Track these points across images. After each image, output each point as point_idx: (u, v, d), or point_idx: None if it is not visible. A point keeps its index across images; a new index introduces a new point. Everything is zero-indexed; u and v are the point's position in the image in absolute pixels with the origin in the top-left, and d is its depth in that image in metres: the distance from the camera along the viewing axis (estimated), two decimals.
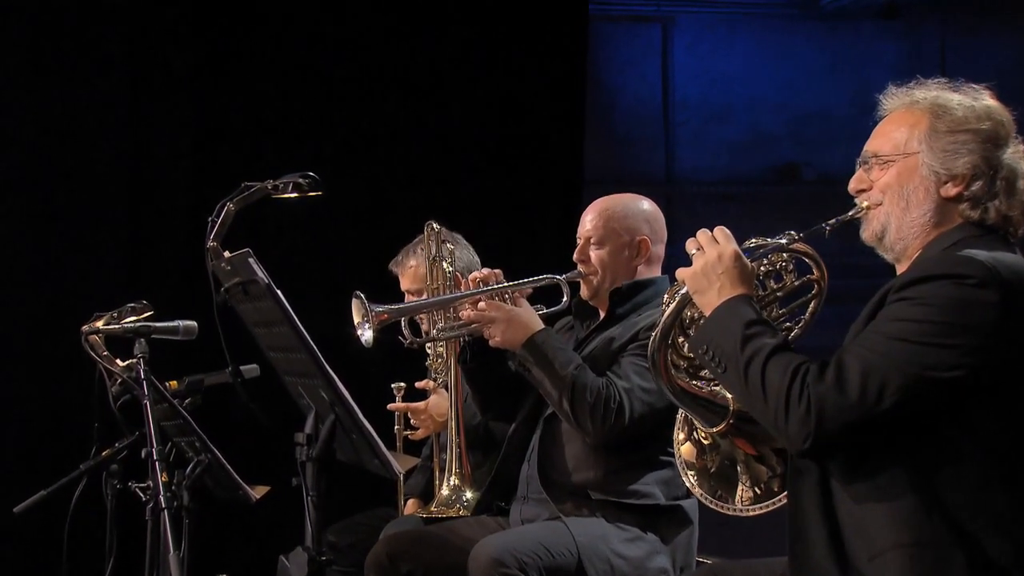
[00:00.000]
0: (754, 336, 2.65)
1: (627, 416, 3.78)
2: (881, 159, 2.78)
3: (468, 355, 4.10)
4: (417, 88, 6.54)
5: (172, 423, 3.85)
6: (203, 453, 3.76)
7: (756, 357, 2.62)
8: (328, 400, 3.28)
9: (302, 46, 6.44)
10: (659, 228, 4.12)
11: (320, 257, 6.23)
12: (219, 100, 6.33)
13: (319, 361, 3.20)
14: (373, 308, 3.80)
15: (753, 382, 2.61)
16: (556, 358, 3.85)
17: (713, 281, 2.74)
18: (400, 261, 4.80)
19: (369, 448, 3.27)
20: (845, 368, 2.54)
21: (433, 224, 4.35)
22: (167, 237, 6.10)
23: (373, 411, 3.56)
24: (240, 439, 4.66)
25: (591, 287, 4.08)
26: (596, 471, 3.90)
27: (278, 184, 3.62)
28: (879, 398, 2.50)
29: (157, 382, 3.57)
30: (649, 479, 3.88)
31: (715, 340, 2.69)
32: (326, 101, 6.42)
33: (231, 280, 3.33)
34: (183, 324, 3.73)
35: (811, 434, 2.53)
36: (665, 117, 7.77)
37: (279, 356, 3.43)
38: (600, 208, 4.10)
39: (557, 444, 3.96)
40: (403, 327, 4.11)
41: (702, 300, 2.76)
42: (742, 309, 2.70)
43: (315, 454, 3.25)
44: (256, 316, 3.39)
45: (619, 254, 4.06)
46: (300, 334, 3.20)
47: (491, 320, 3.89)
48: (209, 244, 3.48)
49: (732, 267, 2.74)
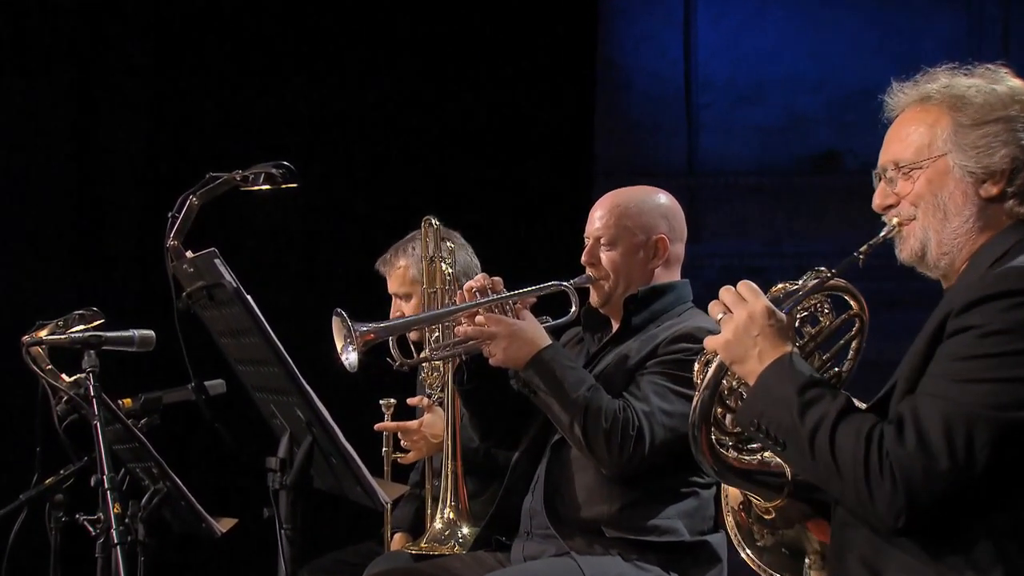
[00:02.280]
0: (813, 402, 2.63)
1: (647, 443, 3.77)
2: (905, 168, 2.78)
3: (465, 375, 4.09)
4: (405, 65, 6.57)
5: (126, 447, 3.85)
6: (161, 481, 3.77)
7: (821, 427, 2.60)
8: (304, 420, 3.27)
9: (272, 15, 6.47)
10: (678, 225, 4.11)
11: (296, 258, 6.26)
12: (178, 83, 6.36)
13: (294, 375, 3.20)
14: (357, 327, 3.79)
15: (822, 458, 2.58)
16: (566, 378, 3.84)
17: (750, 347, 2.72)
18: (388, 260, 4.80)
19: (351, 474, 3.27)
20: (924, 425, 2.51)
21: (432, 220, 4.35)
22: (120, 235, 6.12)
23: (357, 432, 3.57)
24: (204, 465, 4.67)
25: (602, 293, 4.08)
26: (611, 505, 3.89)
27: (248, 175, 3.63)
28: (969, 456, 2.48)
29: (109, 400, 3.58)
30: (671, 512, 3.88)
31: (767, 413, 2.67)
32: (303, 80, 6.47)
33: (194, 284, 3.33)
34: (138, 334, 3.73)
35: (903, 510, 2.51)
36: (687, 99, 7.78)
37: (249, 370, 3.43)
38: (611, 203, 4.09)
39: (566, 474, 3.96)
40: (391, 346, 4.12)
41: (743, 369, 2.74)
42: (791, 372, 2.69)
43: (290, 481, 3.25)
44: (223, 324, 3.39)
45: (634, 255, 4.06)
46: (273, 345, 3.19)
47: (491, 336, 3.89)
48: (169, 243, 3.48)
49: (767, 325, 2.73)
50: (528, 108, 6.58)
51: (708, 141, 7.80)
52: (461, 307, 3.96)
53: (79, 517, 3.76)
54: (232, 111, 6.42)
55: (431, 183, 6.29)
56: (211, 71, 6.56)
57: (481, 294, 3.96)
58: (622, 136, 7.50)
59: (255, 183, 3.63)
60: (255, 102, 6.43)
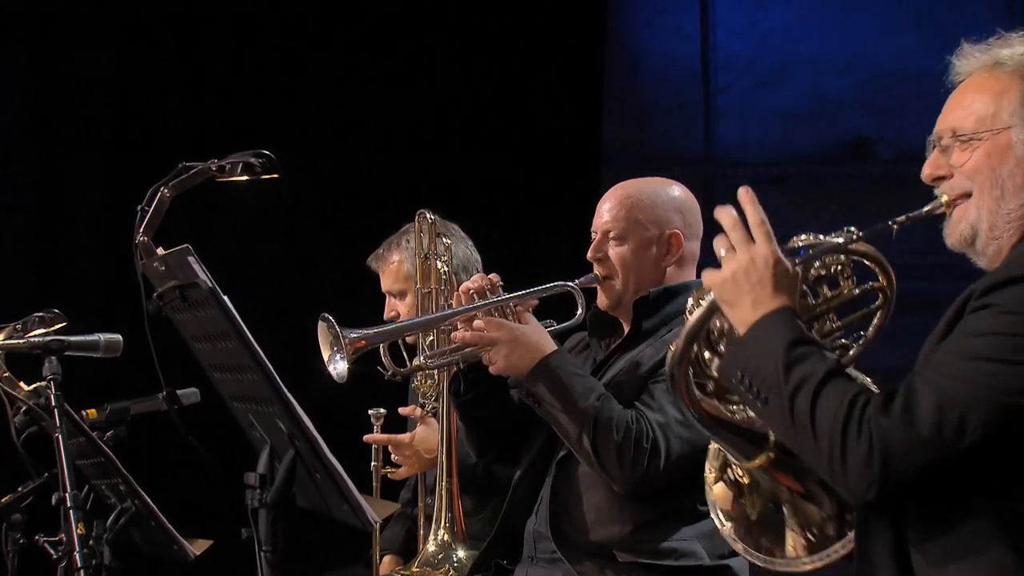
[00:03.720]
0: (800, 359, 2.64)
1: (663, 457, 3.77)
2: (963, 137, 2.78)
3: (462, 385, 4.08)
4: (394, 41, 6.56)
5: (90, 462, 3.84)
6: (129, 499, 3.76)
7: (804, 386, 2.62)
8: (286, 431, 3.28)
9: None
10: (694, 220, 4.11)
11: (278, 255, 6.26)
12: (148, 64, 6.37)
13: (275, 383, 3.20)
14: (346, 334, 3.78)
15: (801, 418, 2.60)
16: (573, 386, 3.84)
17: (746, 291, 2.73)
18: (380, 256, 4.82)
19: (337, 491, 3.27)
20: (915, 397, 2.54)
21: (426, 213, 4.36)
22: (84, 230, 6.11)
23: (344, 445, 3.58)
24: (176, 481, 4.67)
25: (611, 294, 4.07)
26: (622, 525, 3.89)
27: (224, 164, 3.63)
28: (959, 433, 2.50)
29: (71, 410, 3.58)
30: (688, 534, 3.87)
31: (752, 365, 2.69)
32: (285, 63, 6.46)
33: (166, 283, 3.32)
34: (104, 338, 3.75)
35: (875, 480, 2.54)
36: (704, 81, 7.79)
37: (225, 377, 3.43)
38: (622, 195, 4.09)
39: (573, 493, 3.96)
40: (382, 353, 4.12)
41: (734, 314, 2.76)
42: (784, 326, 2.69)
43: (270, 499, 3.25)
44: (197, 328, 3.38)
45: (645, 252, 4.06)
46: (252, 350, 3.19)
47: (491, 342, 3.88)
48: (139, 239, 3.49)
49: (769, 273, 2.73)
50: (528, 91, 6.59)
51: (727, 127, 7.80)
52: (457, 311, 3.95)
53: (39, 539, 3.76)
54: (208, 96, 6.42)
55: (424, 173, 6.30)
56: (185, 52, 6.55)
57: (479, 296, 3.95)
58: (632, 122, 7.49)
59: (232, 173, 3.63)
60: (233, 84, 6.42)
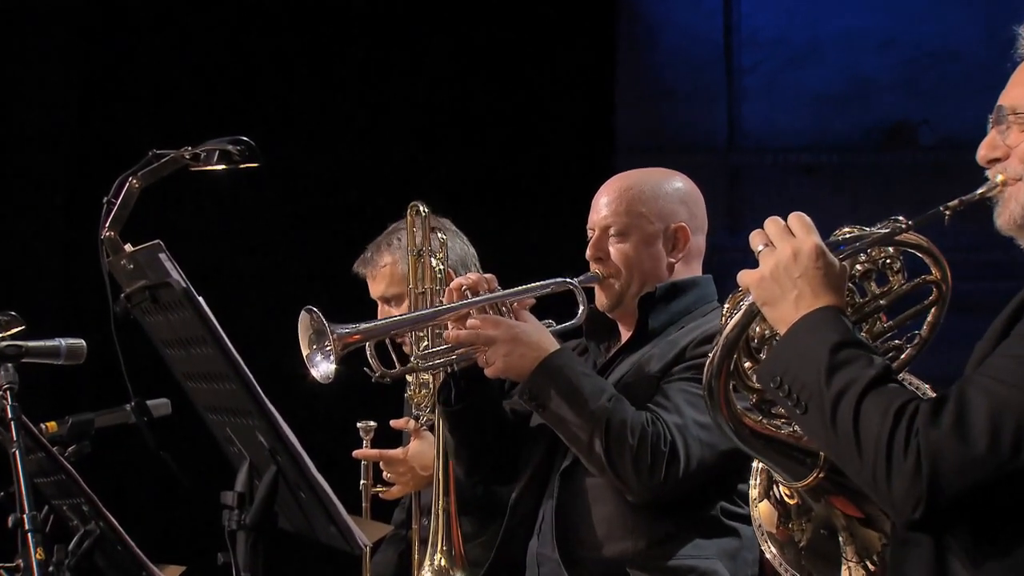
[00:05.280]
0: (845, 363, 2.65)
1: (683, 461, 3.78)
2: (1022, 117, 2.80)
3: (452, 393, 4.08)
4: (388, 19, 6.56)
5: (50, 480, 3.84)
6: (93, 521, 3.76)
7: (847, 393, 2.62)
8: (268, 446, 3.28)
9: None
10: (699, 212, 4.15)
11: (258, 253, 6.26)
12: (111, 43, 6.38)
13: (256, 393, 3.21)
14: (336, 329, 3.79)
15: (843, 427, 2.61)
16: (582, 386, 3.84)
17: (788, 288, 2.74)
18: (369, 259, 4.79)
19: (323, 511, 3.28)
20: (968, 406, 2.54)
21: (419, 206, 4.34)
22: (42, 225, 6.11)
23: (330, 461, 3.57)
24: (145, 501, 4.66)
25: (612, 294, 4.08)
26: (636, 540, 3.88)
27: (199, 152, 3.63)
28: (1016, 447, 2.51)
29: (30, 423, 3.57)
30: (709, 550, 3.88)
31: (791, 369, 2.70)
32: (265, 41, 6.46)
33: (134, 283, 3.33)
34: (66, 343, 3.74)
35: (922, 498, 2.54)
36: (727, 60, 7.79)
37: (200, 386, 3.44)
38: (621, 186, 4.12)
39: (580, 506, 3.96)
40: (369, 354, 4.12)
41: (774, 314, 2.77)
42: (828, 326, 2.70)
43: (249, 520, 3.26)
44: (169, 332, 3.39)
45: (649, 247, 4.08)
46: (230, 357, 3.20)
47: (488, 340, 3.88)
48: (104, 234, 3.48)
49: (813, 268, 2.74)
50: (533, 72, 6.60)
51: (753, 111, 7.82)
52: (447, 308, 3.97)
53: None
54: (181, 78, 6.43)
55: (418, 164, 6.31)
56: (155, 30, 6.55)
57: (472, 293, 3.97)
58: (648, 105, 7.50)
59: (208, 162, 3.62)
60: (206, 63, 6.42)
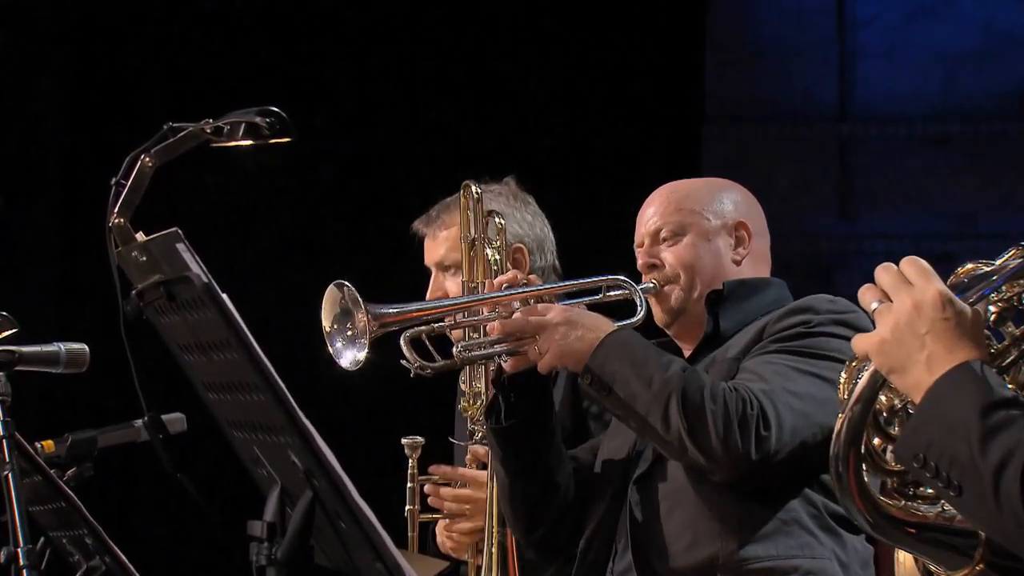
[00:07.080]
0: (1001, 428, 2.59)
1: (774, 428, 3.77)
2: None
3: (502, 410, 4.08)
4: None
5: (48, 507, 3.88)
6: (97, 556, 3.80)
7: (1010, 463, 2.56)
8: (303, 468, 3.27)
9: None
10: (758, 216, 4.24)
11: (293, 241, 6.32)
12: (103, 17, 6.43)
13: (289, 406, 3.20)
14: (373, 308, 3.81)
15: (1011, 505, 2.56)
16: (650, 358, 3.86)
17: (915, 349, 2.69)
18: (435, 218, 4.78)
19: (368, 545, 3.26)
20: None
21: (472, 187, 4.34)
22: (39, 212, 6.15)
23: (374, 483, 3.56)
24: (158, 532, 4.68)
25: (670, 304, 4.12)
26: (725, 541, 3.89)
27: (222, 126, 3.64)
28: None
29: (24, 442, 3.62)
30: (819, 549, 3.89)
31: (936, 444, 2.64)
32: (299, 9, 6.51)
33: (148, 278, 3.34)
34: (66, 348, 3.79)
35: None
36: (839, 13, 7.80)
37: (223, 398, 3.44)
38: (666, 192, 4.22)
39: (657, 515, 3.97)
40: (404, 346, 4.09)
41: (904, 381, 2.71)
42: (972, 386, 2.65)
43: (281, 555, 3.26)
44: (187, 335, 3.40)
45: (709, 244, 4.14)
46: (259, 363, 3.19)
47: (539, 326, 3.91)
48: (112, 220, 3.48)
49: (941, 320, 2.68)
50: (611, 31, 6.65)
51: (869, 73, 7.82)
52: (483, 297, 4.05)
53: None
54: (193, 49, 6.49)
55: (472, 137, 6.38)
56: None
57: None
58: (743, 69, 7.54)
59: (232, 137, 3.64)
60: (227, 30, 6.48)
